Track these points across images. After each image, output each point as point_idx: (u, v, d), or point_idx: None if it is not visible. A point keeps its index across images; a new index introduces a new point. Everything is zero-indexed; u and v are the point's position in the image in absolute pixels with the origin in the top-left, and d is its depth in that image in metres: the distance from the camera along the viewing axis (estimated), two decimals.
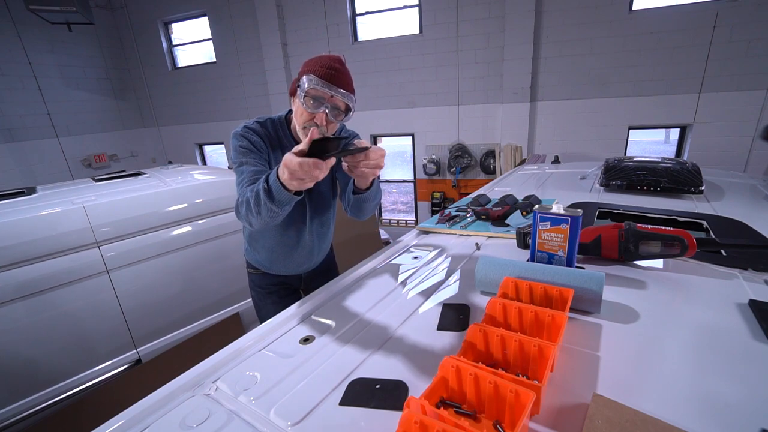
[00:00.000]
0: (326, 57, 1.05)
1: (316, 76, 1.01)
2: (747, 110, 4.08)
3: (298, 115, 1.09)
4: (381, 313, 0.89)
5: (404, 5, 5.23)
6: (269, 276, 1.46)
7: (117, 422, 0.61)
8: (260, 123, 1.20)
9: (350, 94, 1.06)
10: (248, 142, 1.13)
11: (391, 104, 5.57)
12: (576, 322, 0.78)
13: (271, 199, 0.90)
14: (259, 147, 1.15)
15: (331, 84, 1.01)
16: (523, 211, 1.47)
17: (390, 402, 0.60)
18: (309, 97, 1.03)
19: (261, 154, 1.15)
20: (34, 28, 5.29)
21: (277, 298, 1.47)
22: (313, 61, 1.05)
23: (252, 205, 0.96)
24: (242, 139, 1.13)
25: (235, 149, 1.13)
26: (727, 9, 3.90)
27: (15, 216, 1.71)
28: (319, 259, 1.48)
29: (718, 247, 1.01)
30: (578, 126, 4.79)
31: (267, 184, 0.90)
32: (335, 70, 1.02)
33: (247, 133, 1.14)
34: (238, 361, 0.75)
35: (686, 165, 1.79)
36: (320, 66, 1.02)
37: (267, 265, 1.42)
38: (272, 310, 0.95)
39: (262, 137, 1.17)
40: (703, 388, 0.58)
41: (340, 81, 1.03)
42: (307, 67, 1.05)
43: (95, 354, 1.92)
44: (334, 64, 1.03)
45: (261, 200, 0.92)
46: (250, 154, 1.12)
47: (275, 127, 1.22)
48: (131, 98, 6.99)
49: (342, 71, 1.04)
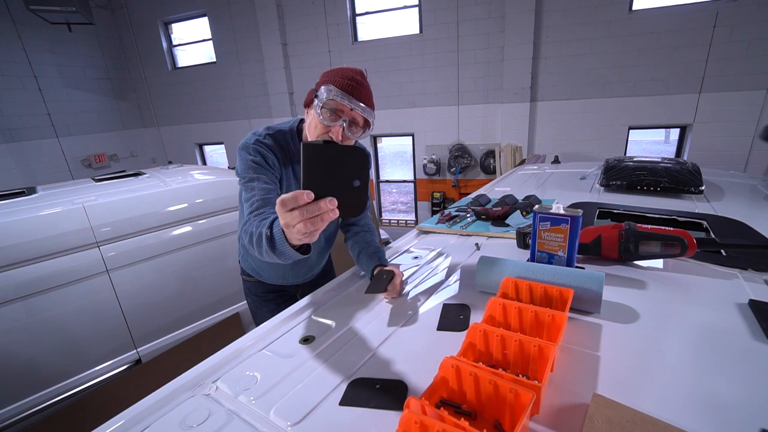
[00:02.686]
0: (348, 69, 0.99)
1: (336, 87, 0.95)
2: (747, 110, 4.08)
3: (312, 127, 1.02)
4: (381, 313, 0.89)
5: (404, 5, 5.23)
6: (265, 284, 1.40)
7: (117, 422, 0.62)
8: (271, 135, 1.10)
9: (370, 109, 1.00)
10: (261, 158, 1.04)
11: (391, 104, 5.58)
12: (576, 322, 0.78)
13: (273, 248, 0.75)
14: (272, 163, 1.06)
15: (351, 96, 0.96)
16: (523, 211, 1.47)
17: (390, 402, 0.60)
18: (326, 109, 0.97)
19: (273, 171, 1.07)
20: (34, 28, 5.29)
21: (274, 305, 1.40)
22: (333, 71, 0.99)
23: (254, 245, 0.83)
24: (255, 153, 1.04)
25: (246, 163, 1.04)
26: (727, 9, 3.90)
27: (15, 216, 1.71)
28: (318, 269, 1.44)
29: (718, 247, 1.01)
30: (578, 126, 4.79)
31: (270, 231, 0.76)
32: (357, 82, 0.97)
33: (260, 148, 1.05)
34: (238, 361, 0.75)
35: (686, 165, 1.79)
36: (341, 77, 0.96)
37: (263, 275, 1.37)
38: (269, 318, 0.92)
39: (274, 152, 1.08)
40: (703, 388, 0.58)
41: (361, 94, 0.98)
42: (326, 77, 0.99)
43: (95, 354, 1.92)
44: (356, 76, 0.98)
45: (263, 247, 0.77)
46: (262, 171, 1.03)
47: (286, 139, 1.13)
48: (131, 98, 7.00)
49: (364, 84, 0.99)
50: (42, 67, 5.53)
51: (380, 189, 6.44)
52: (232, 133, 6.68)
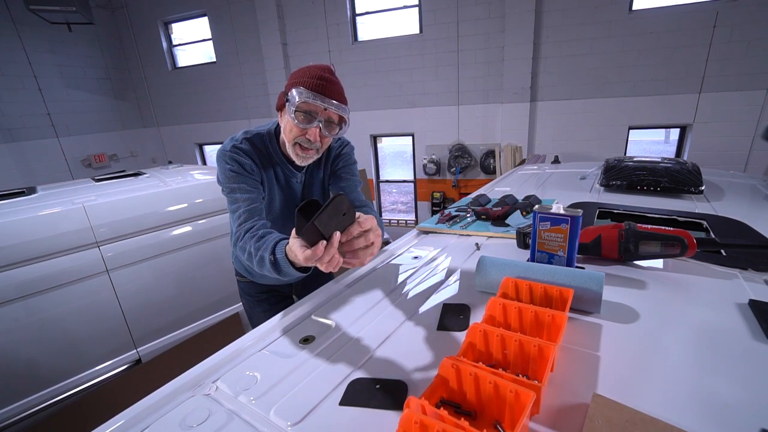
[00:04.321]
0: (314, 67, 0.97)
1: (306, 89, 0.93)
2: (747, 110, 4.08)
3: (287, 131, 1.01)
4: (381, 313, 0.89)
5: (404, 5, 5.23)
6: (258, 285, 1.39)
7: (117, 422, 0.61)
8: (249, 140, 1.09)
9: (344, 105, 0.98)
10: (239, 166, 1.03)
11: (391, 104, 5.57)
12: (576, 322, 0.78)
13: (277, 271, 0.85)
14: (250, 169, 1.05)
15: (323, 96, 0.94)
16: (523, 211, 1.47)
17: (390, 402, 0.60)
18: (300, 112, 0.96)
19: (253, 176, 1.06)
20: (34, 28, 5.29)
21: (268, 306, 1.40)
22: (300, 72, 0.97)
23: (254, 264, 0.90)
24: (232, 162, 1.03)
25: (225, 173, 1.03)
26: (727, 9, 3.90)
27: (15, 216, 1.71)
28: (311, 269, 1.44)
29: (718, 247, 1.01)
30: (578, 126, 4.79)
31: (273, 257, 0.83)
32: (326, 80, 0.95)
33: (237, 155, 1.04)
34: (238, 361, 0.75)
35: (686, 165, 1.79)
36: (309, 77, 0.94)
37: (256, 275, 1.34)
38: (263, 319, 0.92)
39: (252, 157, 1.07)
40: (702, 388, 0.58)
41: (332, 92, 0.95)
42: (294, 79, 0.96)
43: (95, 354, 1.92)
44: (324, 74, 0.95)
45: (266, 267, 0.86)
46: (242, 179, 1.03)
47: (264, 142, 1.12)
48: (131, 98, 6.99)
49: (333, 81, 0.97)
50: (42, 67, 5.53)
51: (380, 189, 6.44)
52: (232, 133, 6.63)
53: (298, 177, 1.18)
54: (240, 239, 0.96)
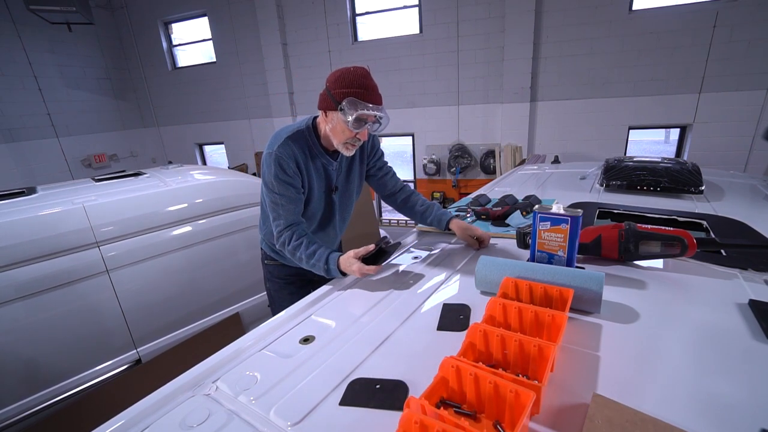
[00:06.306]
0: (359, 75, 1.08)
1: (360, 101, 1.06)
2: (747, 110, 4.08)
3: (338, 132, 1.13)
4: (381, 313, 0.89)
5: (404, 5, 5.23)
6: (287, 267, 1.47)
7: (117, 422, 0.62)
8: (291, 138, 1.19)
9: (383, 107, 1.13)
10: (283, 172, 1.15)
11: (391, 104, 5.57)
12: (576, 322, 0.78)
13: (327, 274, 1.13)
14: (292, 173, 1.17)
15: (376, 105, 1.09)
16: (523, 211, 1.47)
17: (390, 402, 0.60)
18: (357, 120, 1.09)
19: (294, 181, 1.19)
20: (34, 28, 5.29)
21: (295, 288, 1.49)
22: (346, 80, 1.08)
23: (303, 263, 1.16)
24: (277, 167, 1.15)
25: (275, 176, 1.15)
26: (727, 9, 3.90)
27: (15, 216, 1.71)
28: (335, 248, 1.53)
29: (718, 247, 1.01)
30: (578, 126, 4.79)
31: (327, 266, 1.10)
32: (371, 88, 1.09)
33: (287, 161, 1.15)
34: (238, 361, 0.75)
35: (686, 165, 1.79)
36: (359, 87, 1.07)
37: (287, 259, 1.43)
38: (288, 301, 1.00)
39: (296, 158, 1.18)
40: (703, 388, 0.58)
41: (377, 98, 1.11)
42: (344, 87, 1.07)
43: (95, 354, 1.92)
44: (369, 82, 1.09)
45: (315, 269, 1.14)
46: (290, 188, 1.17)
47: (306, 140, 1.23)
48: (131, 98, 6.99)
49: (375, 86, 1.11)
50: (42, 67, 5.53)
51: None
52: (232, 133, 6.68)
53: (333, 165, 1.31)
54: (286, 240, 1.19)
